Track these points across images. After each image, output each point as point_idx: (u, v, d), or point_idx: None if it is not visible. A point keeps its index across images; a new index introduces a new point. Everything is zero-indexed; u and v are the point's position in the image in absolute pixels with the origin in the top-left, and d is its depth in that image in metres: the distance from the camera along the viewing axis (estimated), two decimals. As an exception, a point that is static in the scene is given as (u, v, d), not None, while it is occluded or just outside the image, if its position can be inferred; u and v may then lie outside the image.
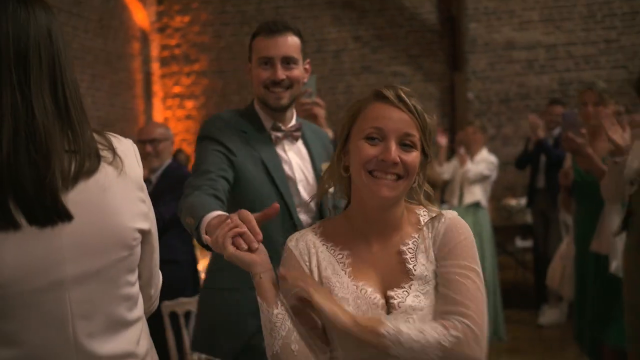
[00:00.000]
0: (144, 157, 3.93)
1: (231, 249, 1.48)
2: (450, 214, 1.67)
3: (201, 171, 2.19)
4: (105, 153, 1.40)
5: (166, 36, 9.37)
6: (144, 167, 1.52)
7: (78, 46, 7.56)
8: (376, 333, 1.48)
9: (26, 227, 1.27)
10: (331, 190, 1.83)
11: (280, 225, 2.25)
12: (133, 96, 8.83)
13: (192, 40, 9.32)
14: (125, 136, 1.50)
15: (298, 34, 2.41)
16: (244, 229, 1.50)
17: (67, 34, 7.28)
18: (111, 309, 1.41)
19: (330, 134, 3.40)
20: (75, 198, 1.32)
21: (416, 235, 1.64)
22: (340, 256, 1.64)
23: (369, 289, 1.59)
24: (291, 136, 2.43)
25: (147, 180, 3.95)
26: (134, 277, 1.46)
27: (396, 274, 1.61)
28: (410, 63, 8.74)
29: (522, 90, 8.43)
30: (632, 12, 8.16)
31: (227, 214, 1.68)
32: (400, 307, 1.55)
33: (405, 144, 1.58)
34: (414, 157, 1.58)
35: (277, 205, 1.57)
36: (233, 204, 2.18)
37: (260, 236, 1.50)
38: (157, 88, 9.27)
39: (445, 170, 6.20)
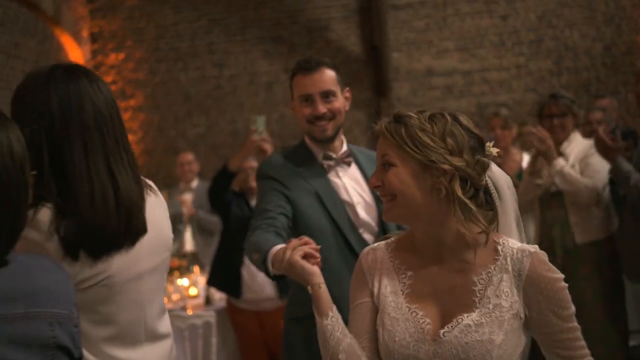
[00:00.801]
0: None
1: (298, 257, 1.67)
2: (533, 247, 1.65)
3: (260, 211, 2.37)
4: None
5: (102, 73, 9.61)
6: None
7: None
8: None
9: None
10: None
11: (336, 249, 2.38)
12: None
13: (127, 76, 9.59)
14: None
15: (332, 67, 2.59)
16: (306, 247, 1.70)
17: (7, 76, 7.49)
18: (160, 297, 1.86)
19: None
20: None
21: (492, 267, 1.63)
22: (403, 276, 1.68)
23: (421, 313, 1.62)
24: (343, 162, 2.57)
25: None
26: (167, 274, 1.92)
27: (457, 303, 1.62)
28: (338, 92, 9.26)
29: (443, 114, 9.03)
30: (538, 40, 8.92)
31: None
32: (444, 337, 1.58)
33: (386, 164, 1.66)
34: (393, 174, 1.64)
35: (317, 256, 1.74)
36: (292, 236, 2.28)
37: (318, 257, 1.69)
38: (95, 124, 9.50)
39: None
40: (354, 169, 2.59)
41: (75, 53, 9.26)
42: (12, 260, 1.39)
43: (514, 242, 1.64)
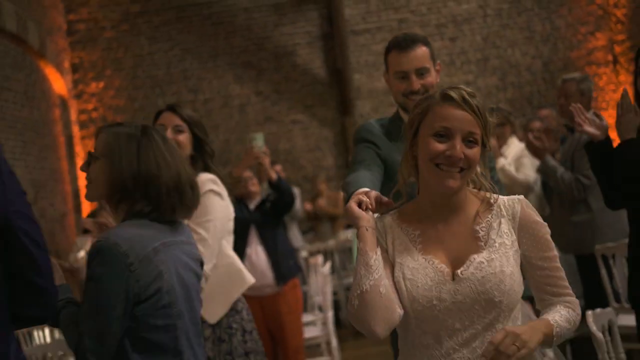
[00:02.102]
0: None
1: (353, 203, 1.81)
2: (520, 197, 1.90)
3: (357, 161, 2.48)
4: None
5: (83, 101, 10.25)
6: None
7: (10, 116, 8.37)
8: (551, 339, 1.75)
9: None
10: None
11: None
12: (58, 158, 9.63)
13: (107, 103, 10.24)
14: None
15: (426, 43, 2.66)
16: (366, 197, 1.83)
17: (1, 107, 8.11)
18: None
19: (273, 175, 4.50)
20: None
21: (490, 216, 1.84)
22: (413, 235, 1.84)
23: (436, 261, 1.79)
24: None
25: None
26: None
27: (465, 248, 1.80)
28: (306, 112, 10.05)
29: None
30: (484, 59, 9.86)
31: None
32: (463, 275, 1.76)
33: (469, 141, 1.77)
34: (475, 152, 1.78)
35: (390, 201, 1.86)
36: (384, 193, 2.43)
37: (373, 206, 1.82)
38: (79, 149, 10.10)
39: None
40: None
41: (58, 83, 9.88)
42: None
43: (504, 196, 1.88)
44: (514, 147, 4.92)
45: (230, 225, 3.04)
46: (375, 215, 1.89)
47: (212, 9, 10.17)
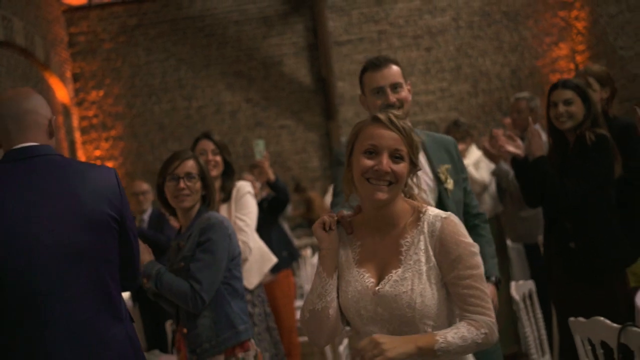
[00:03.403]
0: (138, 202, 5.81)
1: (317, 225, 1.96)
2: (445, 214, 1.94)
3: (336, 193, 2.64)
4: None
5: (84, 108, 10.96)
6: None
7: (20, 124, 9.07)
8: (432, 352, 1.78)
9: None
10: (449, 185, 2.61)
11: None
12: (62, 162, 10.33)
13: (107, 110, 10.95)
14: None
15: (397, 63, 2.81)
16: (329, 218, 1.96)
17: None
18: None
19: (271, 176, 5.18)
20: None
21: (414, 231, 1.92)
22: (354, 246, 1.97)
23: (367, 274, 1.92)
24: None
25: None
26: None
27: (390, 263, 1.91)
28: (293, 117, 10.81)
29: (382, 132, 10.65)
30: (457, 67, 10.66)
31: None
32: (380, 292, 1.87)
33: (395, 157, 1.88)
34: (402, 167, 1.89)
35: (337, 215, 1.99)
36: None
37: (334, 227, 1.94)
38: (81, 153, 10.80)
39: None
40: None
41: (61, 91, 10.58)
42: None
43: (435, 210, 1.94)
44: (473, 153, 5.69)
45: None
46: None
47: (205, 21, 10.90)
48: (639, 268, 3.51)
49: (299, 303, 6.39)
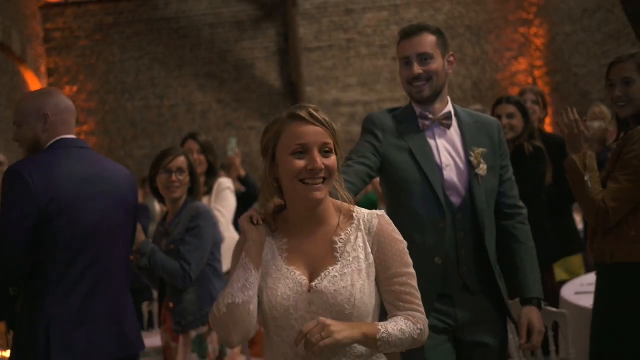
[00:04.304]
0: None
1: (245, 218, 1.88)
2: (380, 212, 1.93)
3: (353, 152, 2.52)
4: None
5: (57, 103, 11.16)
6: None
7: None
8: (374, 341, 1.78)
9: None
10: (480, 170, 2.42)
11: (425, 203, 2.43)
12: (35, 155, 10.53)
13: (80, 105, 11.16)
14: None
15: (434, 32, 2.53)
16: (257, 213, 1.88)
17: (-11, 106, 9.02)
18: None
19: (242, 172, 5.52)
20: None
21: (349, 229, 1.88)
22: (280, 243, 1.88)
23: (297, 272, 1.84)
24: (440, 123, 2.52)
25: None
26: None
27: (323, 260, 1.85)
28: (262, 119, 11.17)
29: (348, 137, 11.07)
30: (422, 77, 11.14)
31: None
32: (317, 287, 1.81)
33: (325, 151, 1.80)
34: (333, 160, 1.81)
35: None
36: (386, 185, 2.57)
37: (262, 223, 1.86)
38: (53, 147, 11.01)
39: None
40: (453, 132, 2.55)
41: (36, 86, 10.78)
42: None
43: (364, 209, 1.93)
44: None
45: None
46: None
47: (180, 23, 11.21)
48: (571, 264, 3.97)
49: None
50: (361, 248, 1.86)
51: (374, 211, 1.93)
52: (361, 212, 1.92)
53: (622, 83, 2.82)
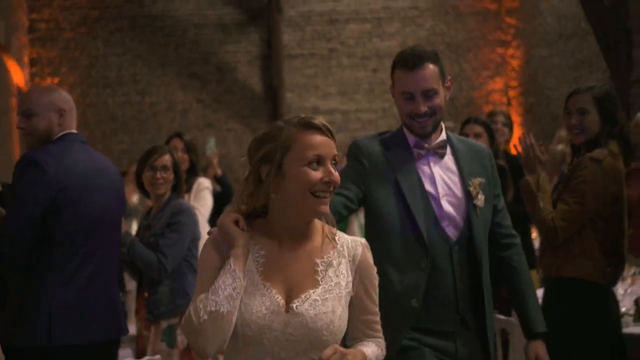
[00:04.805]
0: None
1: (229, 220, 1.77)
2: (364, 240, 1.90)
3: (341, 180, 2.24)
4: None
5: (38, 94, 11.22)
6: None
7: (-23, 103, 9.34)
8: None
9: None
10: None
11: (401, 239, 2.33)
12: (13, 144, 10.59)
13: (61, 97, 11.22)
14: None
15: (434, 60, 2.41)
16: (240, 217, 1.79)
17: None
18: None
19: (218, 171, 5.71)
20: None
21: (332, 252, 1.82)
22: (257, 255, 1.79)
23: (274, 290, 1.76)
24: (435, 152, 2.42)
25: None
26: None
27: (303, 281, 1.79)
28: (241, 122, 11.33)
29: (325, 144, 11.27)
30: (400, 90, 11.38)
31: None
32: (297, 309, 1.74)
33: (334, 164, 1.79)
34: (338, 175, 1.79)
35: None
36: (367, 217, 2.49)
37: (246, 228, 1.78)
38: (31, 137, 11.06)
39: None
40: (448, 160, 2.45)
41: (18, 75, 10.83)
42: None
43: (346, 235, 1.89)
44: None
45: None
46: None
47: (165, 22, 11.34)
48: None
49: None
50: (343, 275, 1.82)
51: (357, 238, 1.90)
52: (344, 238, 1.88)
53: (578, 113, 3.06)
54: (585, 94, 3.08)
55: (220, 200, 6.03)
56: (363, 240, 1.90)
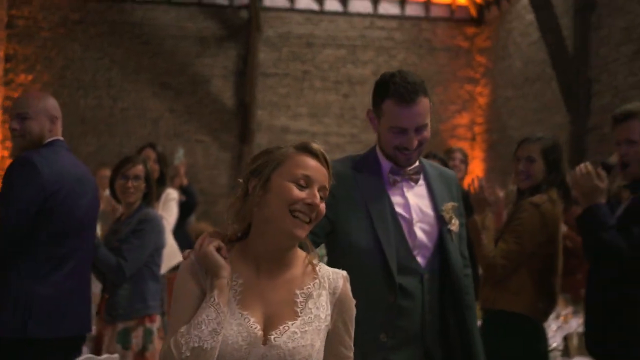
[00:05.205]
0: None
1: (212, 248, 1.69)
2: (344, 273, 1.85)
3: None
4: None
5: (11, 89, 11.22)
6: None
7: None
8: None
9: None
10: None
11: (375, 280, 2.23)
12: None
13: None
14: None
15: (426, 92, 2.32)
16: (221, 243, 1.71)
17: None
18: None
19: (184, 181, 5.87)
20: None
21: (312, 284, 1.77)
22: (235, 283, 1.72)
23: (252, 319, 1.70)
24: (410, 179, 2.35)
25: None
26: None
27: (282, 312, 1.73)
28: (211, 134, 11.47)
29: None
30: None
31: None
32: (275, 342, 1.69)
33: (321, 195, 1.74)
34: (324, 207, 1.74)
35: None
36: (333, 248, 2.35)
37: (226, 254, 1.70)
38: (0, 132, 11.08)
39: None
40: (421, 186, 2.38)
41: (-9, 70, 10.87)
42: None
43: (327, 266, 1.84)
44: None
45: None
46: None
47: (144, 30, 11.47)
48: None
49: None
50: (323, 308, 1.77)
51: (338, 270, 1.85)
52: (325, 269, 1.84)
53: (526, 160, 3.30)
54: (534, 144, 3.33)
55: (185, 209, 6.18)
56: (344, 272, 1.85)
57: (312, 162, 1.75)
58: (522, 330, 3.18)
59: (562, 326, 3.67)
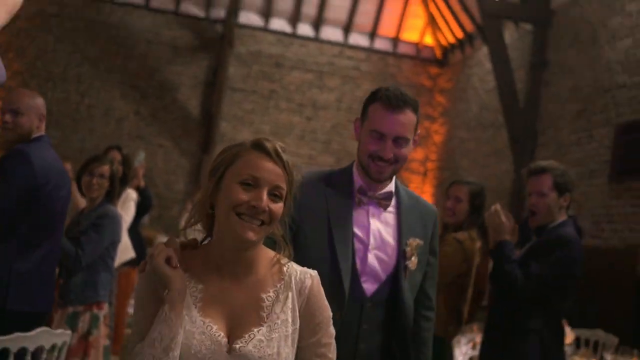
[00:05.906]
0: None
1: (161, 260, 1.60)
2: (314, 272, 1.76)
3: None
4: None
5: (-21, 73, 11.35)
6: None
7: None
8: None
9: None
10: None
11: (328, 296, 1.90)
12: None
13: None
14: None
15: (415, 109, 2.27)
16: (171, 252, 1.62)
17: None
18: None
19: (142, 183, 6.13)
20: None
21: (278, 285, 1.70)
22: (194, 290, 1.66)
23: (215, 327, 1.63)
24: (378, 203, 2.30)
25: None
26: None
27: (247, 317, 1.66)
28: (173, 140, 11.72)
29: (248, 178, 11.76)
30: (328, 142, 12.06)
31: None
32: (240, 351, 1.61)
33: (274, 195, 1.64)
34: (279, 207, 1.65)
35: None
36: (296, 253, 2.03)
37: (178, 264, 1.61)
38: (-37, 113, 11.16)
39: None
40: (390, 214, 2.33)
41: (-38, 51, 10.98)
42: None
43: (296, 265, 1.75)
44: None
45: None
46: None
47: (119, 31, 11.71)
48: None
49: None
50: (290, 310, 1.69)
51: (307, 270, 1.76)
52: (293, 268, 1.74)
53: (454, 199, 3.72)
54: (464, 186, 3.78)
55: (140, 210, 6.45)
56: (314, 272, 1.76)
57: (263, 161, 1.65)
58: (436, 349, 3.54)
59: (470, 352, 4.05)
